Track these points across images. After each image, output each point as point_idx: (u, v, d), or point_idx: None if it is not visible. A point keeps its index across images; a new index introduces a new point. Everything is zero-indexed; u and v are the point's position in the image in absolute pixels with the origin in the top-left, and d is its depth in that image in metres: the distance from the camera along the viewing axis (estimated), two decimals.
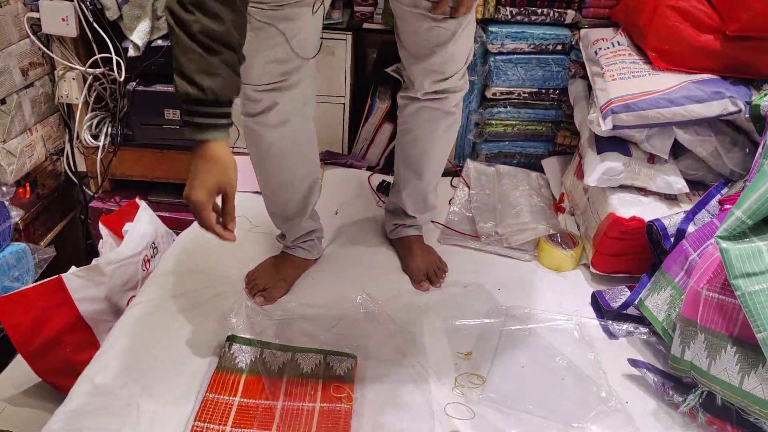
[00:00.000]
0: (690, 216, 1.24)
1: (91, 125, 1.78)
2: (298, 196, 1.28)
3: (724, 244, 0.93)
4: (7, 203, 1.52)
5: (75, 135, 1.80)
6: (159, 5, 1.68)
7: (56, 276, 1.24)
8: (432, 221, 1.57)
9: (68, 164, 1.83)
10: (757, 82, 1.39)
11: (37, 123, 1.70)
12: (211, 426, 0.97)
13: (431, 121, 1.29)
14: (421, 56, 1.22)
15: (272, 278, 1.29)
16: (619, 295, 1.29)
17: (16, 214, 1.56)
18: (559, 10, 1.68)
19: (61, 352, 1.23)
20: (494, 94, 1.76)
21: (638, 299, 1.22)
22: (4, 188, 1.57)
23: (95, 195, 1.85)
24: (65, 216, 1.89)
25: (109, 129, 1.78)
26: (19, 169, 1.62)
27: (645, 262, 1.33)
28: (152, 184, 1.89)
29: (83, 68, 1.70)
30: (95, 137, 1.79)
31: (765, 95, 1.25)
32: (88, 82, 1.72)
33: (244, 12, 0.90)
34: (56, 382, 1.22)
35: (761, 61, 1.36)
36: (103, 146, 1.77)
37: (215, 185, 0.92)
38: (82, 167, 1.85)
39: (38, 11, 1.62)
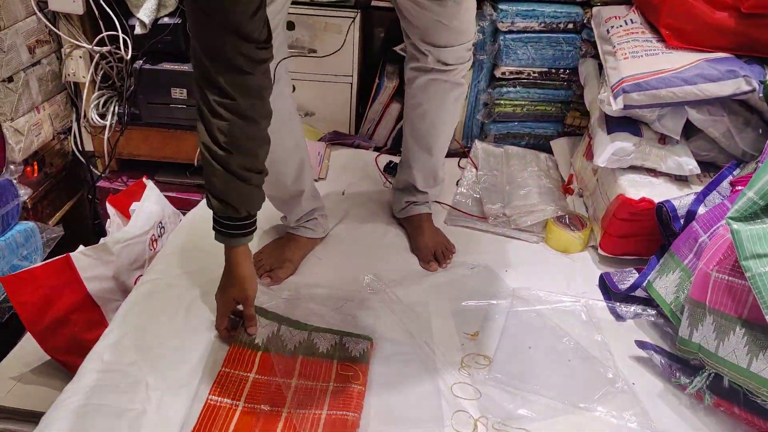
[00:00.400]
0: (701, 197, 1.23)
1: (98, 104, 1.78)
2: (290, 175, 1.27)
3: (735, 225, 0.92)
4: (15, 182, 1.52)
5: (82, 114, 1.79)
6: None
7: (64, 254, 1.25)
8: (439, 202, 1.57)
9: (75, 143, 1.83)
10: None
11: (44, 101, 1.70)
12: (225, 401, 0.97)
13: (440, 93, 1.30)
14: (425, 29, 1.21)
15: (278, 259, 1.29)
16: (627, 277, 1.29)
17: (24, 193, 1.56)
18: None
19: (69, 330, 1.24)
20: (503, 73, 1.73)
21: (646, 281, 1.21)
22: (12, 167, 1.58)
23: (102, 175, 1.86)
24: (73, 195, 1.90)
25: (116, 108, 1.78)
26: (26, 147, 1.62)
27: (654, 243, 1.32)
28: (159, 164, 1.89)
29: (90, 46, 1.69)
30: (102, 116, 1.78)
31: None
32: (95, 60, 1.71)
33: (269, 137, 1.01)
34: (65, 360, 1.23)
35: None
36: (110, 125, 1.77)
37: (234, 298, 1.09)
38: (89, 147, 1.85)
39: None
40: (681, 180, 1.39)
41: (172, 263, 1.29)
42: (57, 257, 1.25)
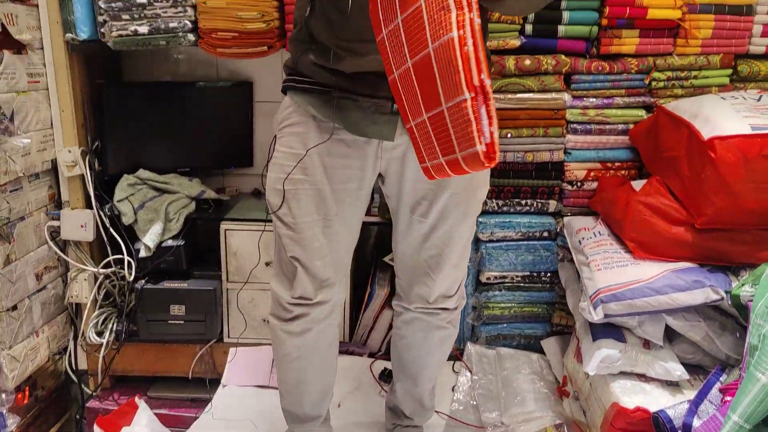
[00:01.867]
0: (693, 408, 1.23)
1: (96, 322, 1.82)
2: (314, 397, 1.28)
3: None
4: (5, 412, 1.49)
5: (80, 333, 1.82)
6: (171, 209, 1.82)
7: None
8: (436, 411, 1.55)
9: (70, 363, 1.83)
10: (734, 268, 1.46)
11: (44, 324, 1.73)
12: None
13: (424, 331, 1.32)
14: (413, 273, 1.28)
15: None
16: None
17: (12, 422, 1.52)
18: (542, 200, 1.82)
19: None
20: (488, 278, 1.83)
21: None
22: (3, 395, 1.55)
23: (93, 394, 1.82)
24: (60, 417, 1.84)
25: (114, 325, 1.81)
26: (21, 374, 1.61)
27: None
28: (153, 378, 1.87)
29: (96, 269, 1.78)
30: (99, 334, 1.81)
31: (742, 285, 1.31)
32: (98, 281, 1.79)
33: None
34: None
35: (732, 250, 1.44)
36: (107, 343, 1.79)
37: None
38: (83, 365, 1.85)
39: (59, 219, 1.75)
40: (672, 384, 1.41)
41: None
42: None
